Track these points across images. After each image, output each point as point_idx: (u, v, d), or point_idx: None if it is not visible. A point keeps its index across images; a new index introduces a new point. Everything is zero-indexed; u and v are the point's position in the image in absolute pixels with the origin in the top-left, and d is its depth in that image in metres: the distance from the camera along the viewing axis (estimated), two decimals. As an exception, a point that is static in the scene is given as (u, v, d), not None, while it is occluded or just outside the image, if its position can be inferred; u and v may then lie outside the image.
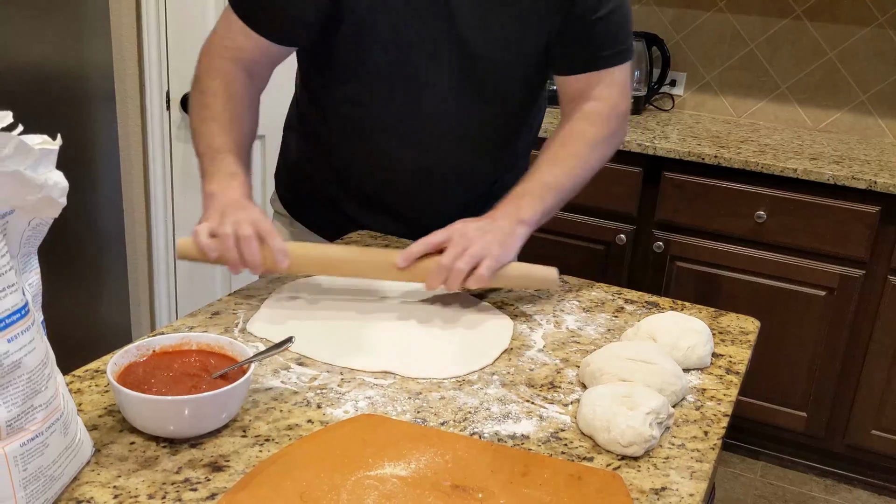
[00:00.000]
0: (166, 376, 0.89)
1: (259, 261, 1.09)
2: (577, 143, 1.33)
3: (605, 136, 1.35)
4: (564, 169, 1.30)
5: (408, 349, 1.07)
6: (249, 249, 1.08)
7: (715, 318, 1.25)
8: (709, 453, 0.90)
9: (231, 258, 1.09)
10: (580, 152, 1.33)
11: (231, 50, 1.31)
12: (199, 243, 1.09)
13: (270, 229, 1.11)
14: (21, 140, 0.67)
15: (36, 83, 2.09)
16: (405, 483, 0.80)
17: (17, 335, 0.69)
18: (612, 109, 1.36)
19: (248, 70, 1.32)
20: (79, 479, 0.79)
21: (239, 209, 1.13)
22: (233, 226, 1.09)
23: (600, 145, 1.35)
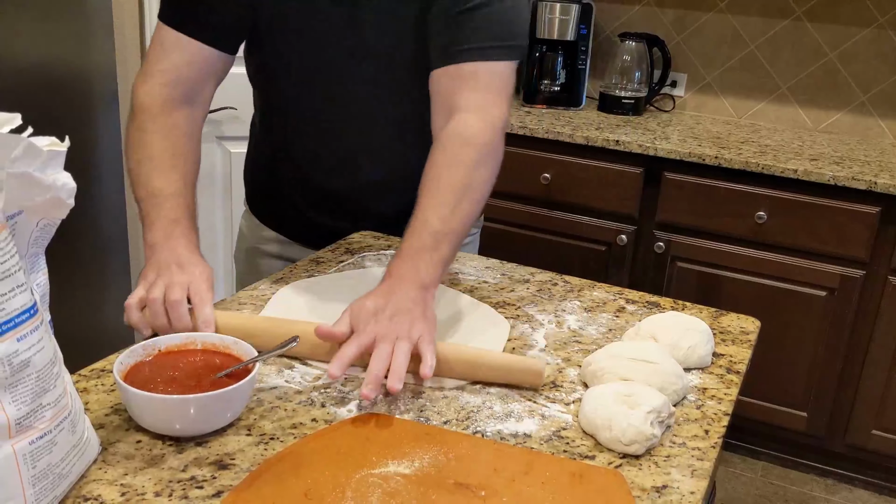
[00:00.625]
0: (172, 375, 0.90)
1: (188, 326, 1.02)
2: (457, 174, 1.16)
3: (481, 154, 1.18)
4: (450, 208, 1.13)
5: None
6: (176, 315, 1.02)
7: (715, 318, 1.26)
8: (709, 452, 0.91)
9: (160, 325, 1.03)
10: (463, 183, 1.15)
11: (167, 73, 1.24)
12: (130, 322, 1.05)
13: (202, 292, 1.05)
14: (30, 142, 0.68)
15: (39, 85, 2.10)
16: (409, 481, 0.81)
17: (27, 334, 0.70)
18: (486, 123, 1.20)
19: (188, 94, 1.25)
20: (86, 476, 0.80)
21: (175, 268, 1.07)
22: (162, 290, 1.04)
23: (480, 166, 1.18)
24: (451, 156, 1.18)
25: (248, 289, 1.25)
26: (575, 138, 2.56)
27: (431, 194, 1.15)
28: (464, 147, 1.18)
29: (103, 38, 2.23)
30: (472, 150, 1.18)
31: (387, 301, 1.02)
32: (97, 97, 2.26)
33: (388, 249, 1.41)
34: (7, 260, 0.68)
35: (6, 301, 0.68)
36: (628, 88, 2.89)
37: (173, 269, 1.07)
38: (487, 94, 1.22)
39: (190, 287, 1.05)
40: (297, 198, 1.47)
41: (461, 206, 1.14)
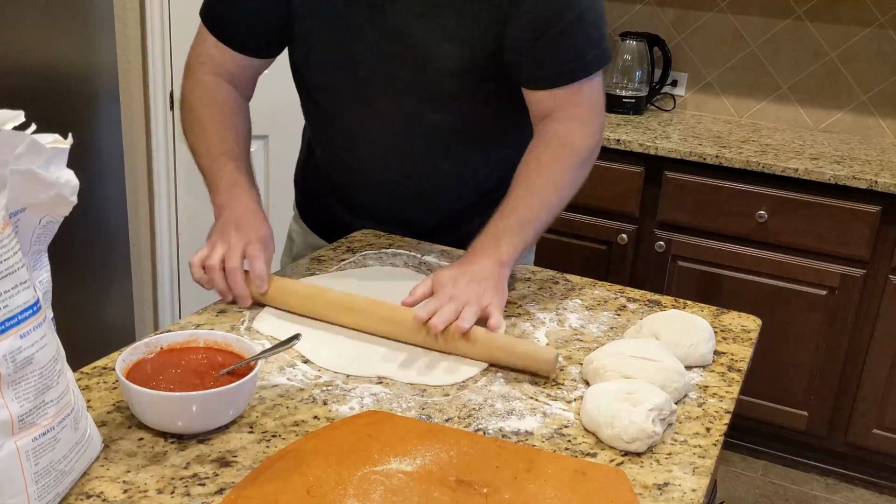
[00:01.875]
0: (174, 373, 0.90)
1: (244, 293, 1.13)
2: (553, 170, 1.25)
3: (581, 158, 1.27)
4: (541, 200, 1.23)
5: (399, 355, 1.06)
6: (234, 281, 1.13)
7: (717, 317, 1.26)
8: (711, 449, 0.91)
9: (220, 290, 1.14)
10: (556, 181, 1.24)
11: (209, 65, 1.33)
12: (194, 278, 1.15)
13: (257, 254, 1.14)
14: (33, 139, 0.68)
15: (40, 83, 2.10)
16: (411, 478, 0.81)
17: (30, 331, 0.70)
18: (583, 129, 1.27)
19: (231, 81, 1.34)
20: (88, 473, 0.80)
21: (233, 231, 1.16)
22: (220, 255, 1.13)
23: (576, 169, 1.27)
24: (550, 153, 1.25)
25: (249, 287, 1.25)
26: (576, 137, 2.55)
27: (525, 185, 1.23)
28: (564, 148, 1.25)
29: (105, 37, 2.23)
30: (571, 153, 1.25)
31: (465, 270, 1.12)
32: (99, 95, 2.26)
33: (389, 248, 1.41)
34: (10, 257, 0.68)
35: (9, 298, 0.68)
36: (629, 88, 2.89)
37: (231, 231, 1.16)
38: (588, 104, 1.27)
39: (247, 249, 1.14)
40: (340, 207, 1.48)
41: (550, 200, 1.23)
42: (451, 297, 1.07)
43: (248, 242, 1.14)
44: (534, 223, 1.21)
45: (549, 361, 1.01)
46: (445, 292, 1.08)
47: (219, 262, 1.13)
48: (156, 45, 2.27)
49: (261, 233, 1.18)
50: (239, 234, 1.15)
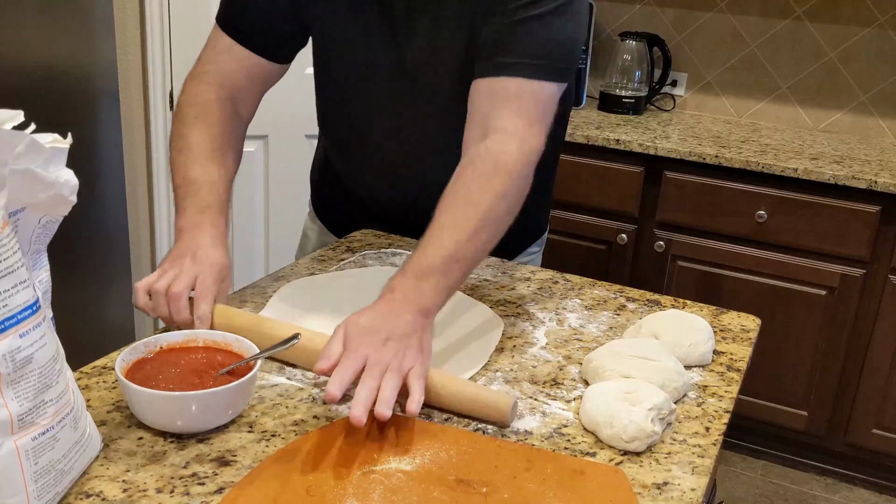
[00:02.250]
0: (174, 372, 0.90)
1: (186, 320, 1.04)
2: (483, 198, 1.08)
3: (513, 186, 1.10)
4: (468, 234, 1.05)
5: None
6: (175, 308, 1.04)
7: (716, 316, 1.26)
8: (710, 449, 0.91)
9: (162, 315, 1.06)
10: (485, 211, 1.07)
11: (214, 74, 1.28)
12: (136, 304, 1.07)
13: (206, 287, 1.06)
14: (33, 138, 0.68)
15: (40, 82, 2.10)
16: (410, 477, 0.81)
17: (29, 331, 0.70)
18: (521, 149, 1.11)
19: (234, 97, 1.29)
20: (88, 473, 0.80)
21: (189, 259, 1.08)
22: (169, 281, 1.05)
23: (508, 198, 1.10)
24: (479, 178, 1.10)
25: (249, 286, 1.25)
26: (575, 137, 2.56)
27: (452, 214, 1.07)
28: (496, 173, 1.10)
29: (105, 36, 2.23)
30: (503, 179, 1.10)
31: (383, 323, 0.96)
32: (99, 95, 2.26)
33: (388, 248, 1.41)
34: (9, 256, 0.68)
35: (8, 297, 0.68)
36: (629, 88, 2.90)
37: (187, 259, 1.08)
38: (529, 120, 1.13)
39: (197, 280, 1.06)
40: (354, 207, 1.48)
41: (479, 235, 1.07)
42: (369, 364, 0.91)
43: (200, 274, 1.07)
44: (461, 263, 1.04)
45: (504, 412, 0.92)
46: (360, 352, 0.92)
47: (165, 287, 1.05)
48: (155, 45, 2.27)
49: (217, 265, 1.09)
50: (193, 264, 1.08)
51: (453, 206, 1.08)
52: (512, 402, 0.92)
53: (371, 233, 1.48)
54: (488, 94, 1.15)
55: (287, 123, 2.42)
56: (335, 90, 1.37)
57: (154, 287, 1.05)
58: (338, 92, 1.37)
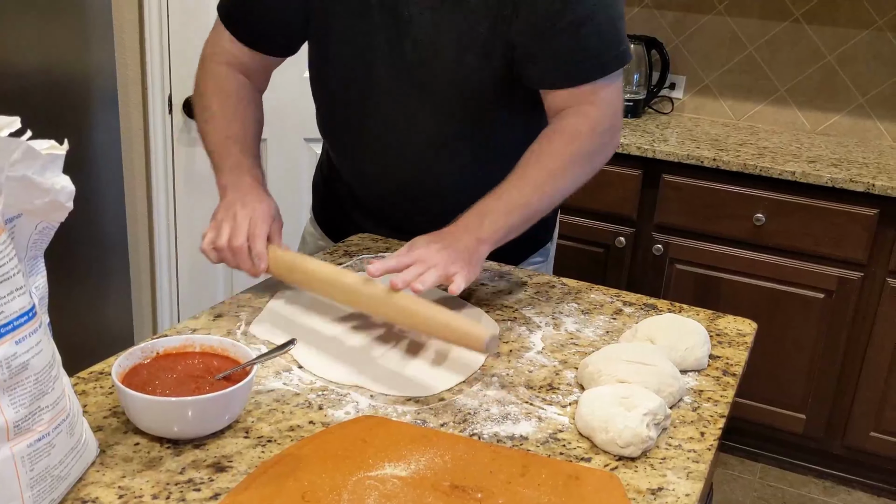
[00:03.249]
0: (170, 378, 0.90)
1: (249, 268, 1.17)
2: (551, 160, 1.23)
3: (582, 153, 1.25)
4: (533, 187, 1.21)
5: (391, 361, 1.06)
6: (240, 260, 1.16)
7: (712, 321, 1.26)
8: (705, 454, 0.91)
9: (231, 265, 1.18)
10: (552, 170, 1.23)
11: (224, 55, 1.36)
12: (210, 260, 1.19)
13: (257, 233, 1.16)
14: (29, 145, 0.68)
15: (39, 87, 2.10)
16: (405, 483, 0.81)
17: (25, 337, 0.70)
18: (592, 127, 1.25)
19: (244, 72, 1.37)
20: (84, 479, 0.80)
21: (238, 208, 1.18)
22: (227, 235, 1.16)
23: (576, 164, 1.25)
24: (551, 143, 1.24)
25: (246, 290, 1.25)
26: (573, 140, 2.56)
27: (520, 171, 1.22)
28: (567, 139, 1.24)
29: (103, 40, 2.23)
30: (573, 145, 1.24)
31: (443, 239, 1.13)
32: (97, 99, 2.26)
33: (386, 251, 1.42)
34: (6, 263, 0.68)
35: (5, 304, 0.68)
36: (627, 91, 2.90)
37: (237, 208, 1.19)
38: (602, 105, 1.25)
39: (249, 224, 1.16)
40: (355, 213, 1.49)
41: (544, 188, 1.21)
42: (419, 259, 1.08)
43: (251, 218, 1.17)
44: (522, 208, 1.20)
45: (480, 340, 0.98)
46: (415, 253, 1.09)
47: (226, 242, 1.16)
48: (154, 49, 2.27)
49: (264, 207, 1.20)
50: (244, 211, 1.18)
51: (525, 162, 1.22)
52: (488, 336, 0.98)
53: (368, 237, 1.48)
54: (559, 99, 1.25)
55: (286, 127, 2.42)
56: (334, 89, 1.38)
57: (218, 244, 1.16)
58: (337, 91, 1.37)
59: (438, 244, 1.12)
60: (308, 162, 2.48)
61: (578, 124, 1.25)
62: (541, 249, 1.54)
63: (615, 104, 1.28)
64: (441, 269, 1.08)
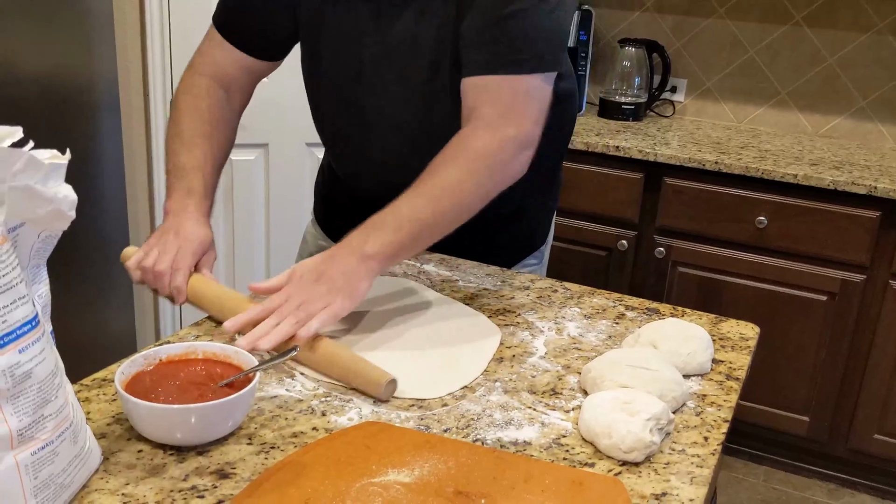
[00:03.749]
0: (173, 385, 0.90)
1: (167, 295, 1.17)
2: (447, 173, 1.16)
3: (482, 167, 1.17)
4: (427, 200, 1.14)
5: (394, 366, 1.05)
6: (160, 285, 1.16)
7: (715, 325, 1.26)
8: (709, 459, 0.91)
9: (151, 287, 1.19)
10: (448, 184, 1.16)
11: (208, 66, 1.35)
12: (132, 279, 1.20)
13: (181, 265, 1.16)
14: (31, 155, 0.69)
15: (41, 93, 2.11)
16: (409, 489, 0.81)
17: (28, 346, 0.70)
18: (494, 138, 1.17)
19: (226, 86, 1.35)
20: (88, 486, 0.80)
21: (171, 236, 1.18)
22: (154, 258, 1.16)
23: (475, 177, 1.17)
24: (445, 158, 1.17)
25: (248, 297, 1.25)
26: (575, 144, 2.56)
27: (413, 187, 1.16)
28: (462, 154, 1.17)
29: (105, 48, 2.24)
30: (468, 158, 1.17)
31: (323, 263, 1.10)
32: (99, 106, 2.27)
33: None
34: (9, 272, 0.68)
35: (8, 313, 0.68)
36: (628, 94, 2.90)
37: (170, 236, 1.18)
38: (504, 110, 1.18)
39: (177, 255, 1.16)
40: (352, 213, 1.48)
41: (439, 203, 1.15)
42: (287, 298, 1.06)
43: (180, 249, 1.17)
44: (414, 223, 1.13)
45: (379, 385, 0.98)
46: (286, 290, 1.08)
47: (152, 264, 1.16)
48: (156, 56, 2.28)
49: (196, 240, 1.19)
50: (175, 241, 1.18)
51: (419, 178, 1.16)
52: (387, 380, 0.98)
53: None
54: (472, 91, 1.20)
55: (287, 132, 2.43)
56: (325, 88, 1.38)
57: (142, 265, 1.16)
58: (328, 90, 1.37)
59: (313, 275, 1.08)
60: (310, 166, 2.49)
61: (480, 134, 1.17)
62: (535, 252, 1.54)
63: (526, 113, 1.19)
64: (304, 310, 1.04)
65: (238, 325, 1.05)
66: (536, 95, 1.20)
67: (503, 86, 1.18)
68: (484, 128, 1.18)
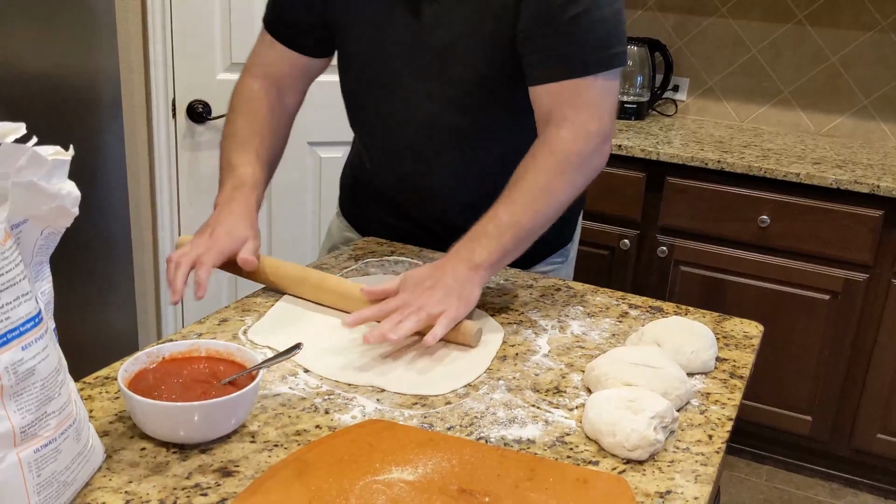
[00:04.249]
0: (176, 383, 0.90)
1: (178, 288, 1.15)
2: (538, 176, 1.20)
3: (570, 164, 1.22)
4: (522, 206, 1.19)
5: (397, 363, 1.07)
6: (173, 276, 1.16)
7: (719, 323, 1.26)
8: (713, 457, 0.91)
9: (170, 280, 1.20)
10: (541, 186, 1.20)
11: (261, 66, 1.40)
12: None
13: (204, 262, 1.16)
14: (35, 151, 0.68)
15: (43, 92, 2.10)
16: (412, 487, 0.81)
17: (31, 343, 0.70)
18: (577, 135, 1.21)
19: (279, 86, 1.40)
20: (91, 484, 0.80)
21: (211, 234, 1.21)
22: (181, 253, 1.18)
23: (565, 175, 1.22)
24: (533, 162, 1.21)
25: (251, 295, 1.25)
26: (577, 143, 2.56)
27: (506, 195, 1.20)
28: (549, 155, 1.21)
29: (107, 46, 2.24)
30: (556, 158, 1.21)
31: (433, 273, 1.13)
32: (101, 104, 2.27)
33: (391, 255, 1.41)
34: (12, 269, 0.68)
35: (11, 310, 0.68)
36: (630, 93, 2.90)
37: (206, 233, 1.21)
38: (586, 108, 1.22)
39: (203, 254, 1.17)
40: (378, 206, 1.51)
41: (534, 205, 1.20)
42: (403, 304, 1.09)
43: (209, 249, 1.18)
44: (514, 228, 1.18)
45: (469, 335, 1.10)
46: (399, 298, 1.11)
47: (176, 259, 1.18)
48: (158, 54, 2.27)
49: (233, 237, 1.21)
50: (211, 239, 1.20)
51: (508, 189, 1.21)
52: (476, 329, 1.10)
53: (374, 240, 1.48)
54: (546, 97, 1.24)
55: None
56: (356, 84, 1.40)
57: (168, 257, 1.19)
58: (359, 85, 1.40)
59: (428, 281, 1.12)
60: (311, 165, 2.49)
61: (563, 134, 1.21)
62: (560, 250, 1.54)
63: (603, 108, 1.24)
64: (425, 311, 1.08)
65: (359, 321, 1.09)
66: (610, 90, 1.24)
67: (578, 89, 1.21)
68: (566, 128, 1.21)
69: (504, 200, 1.20)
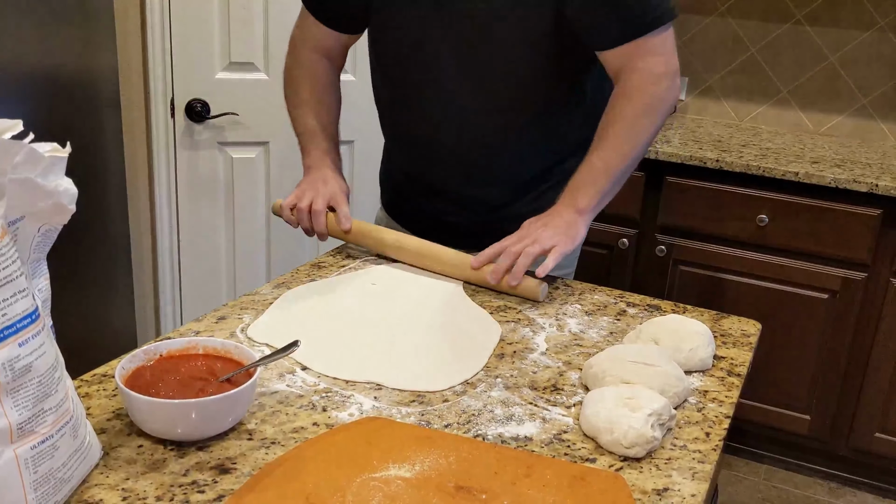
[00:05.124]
0: (174, 380, 0.90)
1: (325, 230, 1.39)
2: (621, 123, 1.34)
3: (647, 107, 1.34)
4: (611, 152, 1.33)
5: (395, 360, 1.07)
6: (318, 222, 1.39)
7: (716, 321, 1.26)
8: (710, 454, 0.91)
9: (305, 228, 1.41)
10: (625, 131, 1.34)
11: (309, 40, 1.53)
12: (284, 216, 1.42)
13: (342, 200, 1.39)
14: (32, 148, 0.68)
15: (41, 90, 2.10)
16: (409, 484, 0.81)
17: (28, 339, 0.70)
18: (648, 79, 1.33)
19: (327, 55, 1.54)
20: (88, 481, 0.80)
21: (320, 183, 1.41)
22: (309, 201, 1.38)
23: (645, 117, 1.34)
24: (613, 112, 1.35)
25: (248, 293, 1.25)
26: (576, 142, 2.56)
27: (596, 143, 1.35)
28: (627, 103, 1.34)
29: (106, 44, 2.24)
30: (634, 105, 1.34)
31: (545, 218, 1.31)
32: (100, 102, 2.27)
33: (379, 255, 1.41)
34: (9, 265, 0.68)
35: (8, 306, 0.68)
36: (629, 92, 2.89)
37: (319, 184, 1.42)
38: (653, 56, 1.33)
39: (331, 198, 1.40)
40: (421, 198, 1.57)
41: (623, 147, 1.34)
42: (521, 237, 1.28)
43: (334, 193, 1.40)
44: (607, 172, 1.33)
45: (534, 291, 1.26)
46: (520, 232, 1.30)
47: (307, 206, 1.38)
48: (156, 53, 2.27)
49: (344, 188, 1.43)
50: (326, 187, 1.40)
51: (598, 135, 1.35)
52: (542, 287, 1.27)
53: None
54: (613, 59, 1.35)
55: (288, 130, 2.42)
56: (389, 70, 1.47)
57: (299, 206, 1.39)
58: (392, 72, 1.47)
59: (541, 220, 1.31)
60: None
61: (637, 81, 1.33)
62: None
63: (667, 52, 1.35)
64: (539, 244, 1.25)
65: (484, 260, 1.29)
66: (669, 36, 1.36)
67: (641, 45, 1.33)
68: (638, 76, 1.33)
69: (595, 148, 1.34)
